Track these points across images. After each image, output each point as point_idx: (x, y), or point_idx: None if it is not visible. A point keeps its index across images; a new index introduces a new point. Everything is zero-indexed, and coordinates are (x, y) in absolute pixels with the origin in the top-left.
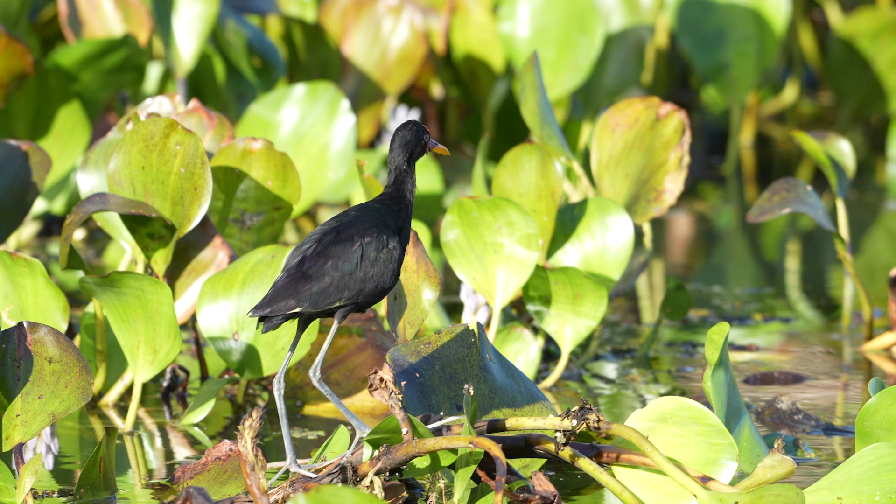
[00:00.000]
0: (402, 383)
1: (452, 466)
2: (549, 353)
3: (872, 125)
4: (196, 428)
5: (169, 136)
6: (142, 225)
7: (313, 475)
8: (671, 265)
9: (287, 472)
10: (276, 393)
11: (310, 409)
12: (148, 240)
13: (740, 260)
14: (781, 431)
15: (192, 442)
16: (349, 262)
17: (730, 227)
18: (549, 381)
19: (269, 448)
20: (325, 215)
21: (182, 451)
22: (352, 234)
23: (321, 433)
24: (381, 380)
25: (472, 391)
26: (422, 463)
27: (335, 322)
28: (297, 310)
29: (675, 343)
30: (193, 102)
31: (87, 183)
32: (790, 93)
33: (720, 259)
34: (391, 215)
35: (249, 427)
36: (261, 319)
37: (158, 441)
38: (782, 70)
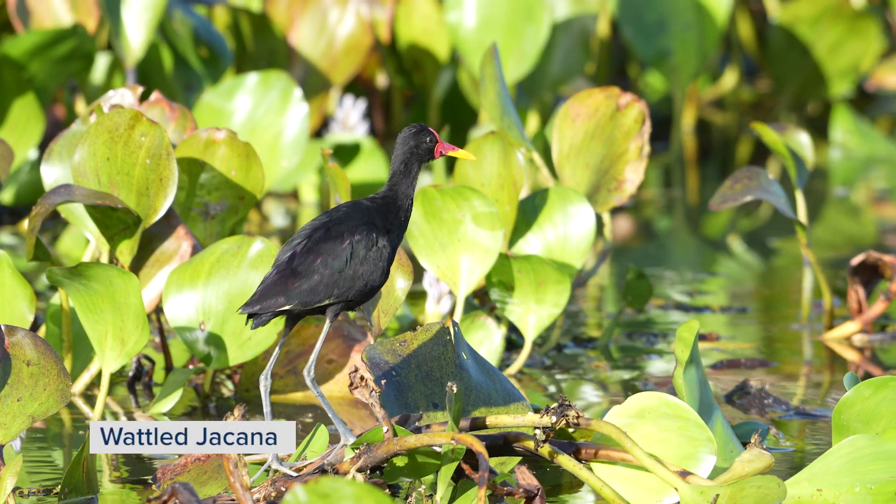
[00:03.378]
0: (383, 382)
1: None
2: (511, 342)
3: (808, 112)
4: (165, 418)
5: (134, 127)
6: (107, 216)
7: (295, 473)
8: (623, 254)
9: (269, 468)
10: (262, 389)
11: (274, 399)
12: (113, 231)
13: (691, 247)
14: (752, 416)
15: None
16: (339, 259)
17: (678, 214)
18: (513, 368)
19: None
20: (271, 206)
21: None
22: (342, 232)
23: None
24: (362, 378)
25: (455, 389)
26: (401, 462)
27: (327, 321)
28: (287, 307)
29: (635, 332)
30: (155, 94)
31: (51, 174)
32: (729, 79)
33: (671, 247)
34: (380, 215)
35: None
36: (250, 316)
37: None
38: (721, 57)
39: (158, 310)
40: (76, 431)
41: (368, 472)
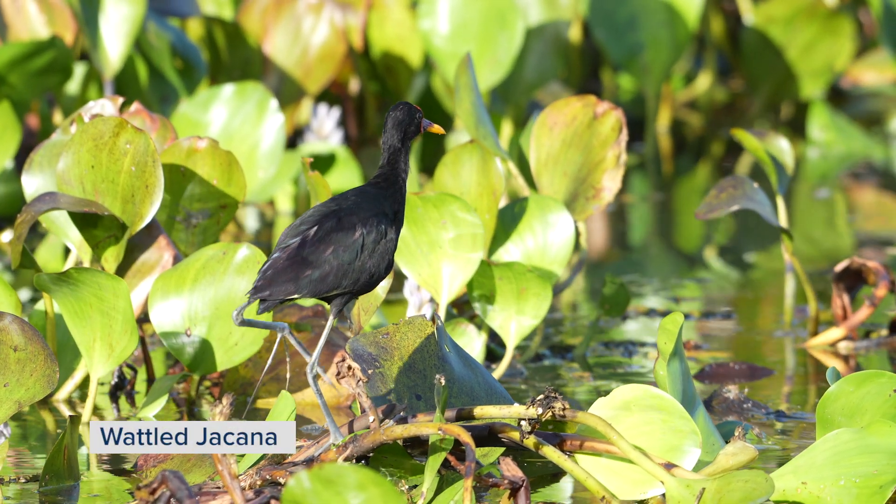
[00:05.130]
0: (370, 371)
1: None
2: (490, 351)
3: (782, 114)
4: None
5: (119, 134)
6: (92, 224)
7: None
8: (601, 260)
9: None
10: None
11: (261, 404)
12: (98, 238)
13: (669, 253)
14: (731, 419)
15: None
16: (350, 251)
17: (654, 219)
18: (494, 376)
19: None
20: (246, 215)
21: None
22: (354, 223)
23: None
24: (349, 367)
25: (443, 381)
26: (386, 453)
27: (331, 314)
28: (296, 296)
29: (614, 340)
30: (136, 105)
31: (32, 184)
32: (703, 80)
33: (649, 253)
34: (388, 200)
35: (220, 413)
36: (260, 300)
37: None
38: (694, 58)
39: (141, 319)
40: (57, 431)
41: (354, 461)
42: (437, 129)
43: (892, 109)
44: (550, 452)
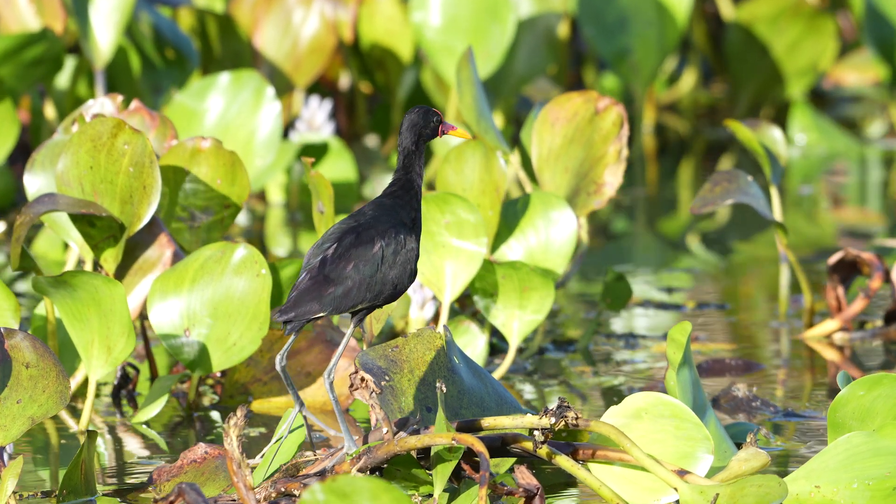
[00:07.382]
0: (382, 383)
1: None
2: (492, 346)
3: (762, 116)
4: (146, 426)
5: (117, 135)
6: (91, 224)
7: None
8: (593, 254)
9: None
10: (279, 370)
11: (258, 405)
12: (97, 239)
13: (659, 247)
14: (739, 419)
15: (148, 440)
16: (370, 264)
17: (642, 215)
18: (497, 374)
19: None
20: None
21: (143, 450)
22: (372, 237)
23: (263, 430)
24: (363, 379)
25: (444, 389)
26: (399, 464)
27: (351, 325)
28: (321, 314)
29: (615, 334)
30: (135, 102)
31: (35, 184)
32: (687, 82)
33: (639, 247)
34: (405, 209)
35: (234, 426)
36: (285, 322)
37: (116, 439)
38: (677, 60)
39: (142, 317)
40: (60, 440)
41: (368, 473)
42: (461, 132)
43: (874, 110)
44: (564, 462)
